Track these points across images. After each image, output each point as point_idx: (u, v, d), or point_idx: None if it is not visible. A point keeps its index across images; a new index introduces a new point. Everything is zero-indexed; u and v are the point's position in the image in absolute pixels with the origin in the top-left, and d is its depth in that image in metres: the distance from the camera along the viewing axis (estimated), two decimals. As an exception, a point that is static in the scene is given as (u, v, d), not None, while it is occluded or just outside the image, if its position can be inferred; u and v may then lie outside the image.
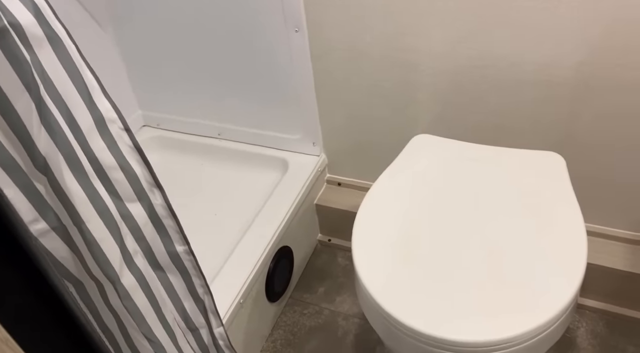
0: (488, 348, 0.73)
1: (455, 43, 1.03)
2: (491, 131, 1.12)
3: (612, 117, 1.00)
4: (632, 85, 0.94)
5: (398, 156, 0.98)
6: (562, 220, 0.82)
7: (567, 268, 0.77)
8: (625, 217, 1.14)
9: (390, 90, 1.16)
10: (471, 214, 0.85)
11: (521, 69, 1.01)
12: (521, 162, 0.92)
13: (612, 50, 0.92)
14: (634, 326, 1.18)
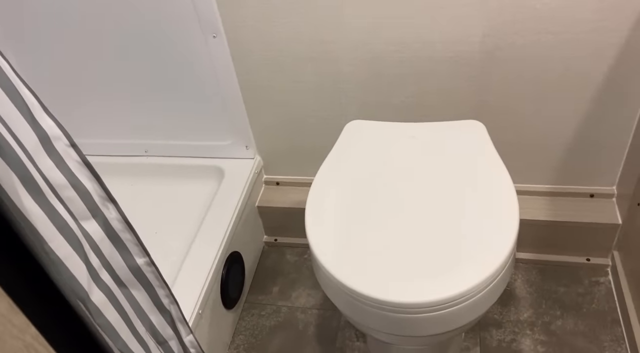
0: (440, 306, 0.78)
1: (369, 31, 1.09)
2: (415, 109, 1.19)
3: (516, 82, 1.10)
4: (526, 51, 1.05)
5: (335, 144, 1.02)
6: (493, 181, 0.90)
7: (503, 224, 0.84)
8: (539, 172, 1.26)
9: (315, 83, 1.21)
10: (411, 185, 0.91)
11: (433, 48, 1.09)
12: (447, 133, 0.99)
13: (506, 22, 1.02)
14: (560, 269, 1.30)
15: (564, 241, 1.27)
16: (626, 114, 1.11)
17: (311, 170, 1.39)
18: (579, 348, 1.15)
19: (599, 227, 1.22)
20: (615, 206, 1.23)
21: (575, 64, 1.05)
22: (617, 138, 1.15)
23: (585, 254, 1.29)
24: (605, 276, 1.27)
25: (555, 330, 1.19)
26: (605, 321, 1.19)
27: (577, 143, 1.18)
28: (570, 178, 1.25)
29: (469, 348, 1.19)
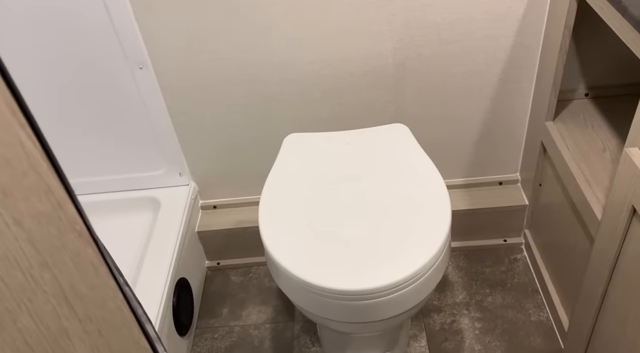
0: (394, 288, 0.86)
1: (292, 52, 1.18)
2: (342, 121, 1.29)
3: (427, 88, 1.24)
4: (432, 60, 1.19)
5: (277, 157, 1.08)
6: (424, 175, 1.01)
7: (438, 212, 0.94)
8: (454, 168, 1.40)
9: (245, 105, 1.26)
10: (353, 185, 0.99)
11: (351, 64, 1.19)
12: (377, 137, 1.09)
13: (413, 36, 1.15)
14: (482, 252, 1.45)
15: (482, 227, 1.42)
16: (520, 108, 1.28)
17: (247, 190, 1.44)
18: (509, 318, 1.29)
19: (510, 210, 1.39)
20: (521, 190, 1.41)
21: (474, 68, 1.21)
22: (515, 130, 1.32)
23: (502, 236, 1.45)
24: (521, 253, 1.44)
25: (487, 306, 1.33)
26: (527, 291, 1.35)
27: (482, 138, 1.34)
28: (480, 170, 1.41)
29: (416, 334, 1.29)
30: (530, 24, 1.14)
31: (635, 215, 0.80)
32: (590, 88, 1.23)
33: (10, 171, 0.19)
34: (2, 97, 0.21)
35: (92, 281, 0.27)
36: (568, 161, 1.09)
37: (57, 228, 0.24)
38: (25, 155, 0.21)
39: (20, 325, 0.21)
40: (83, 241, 0.26)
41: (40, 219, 0.22)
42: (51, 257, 0.23)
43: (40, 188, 0.22)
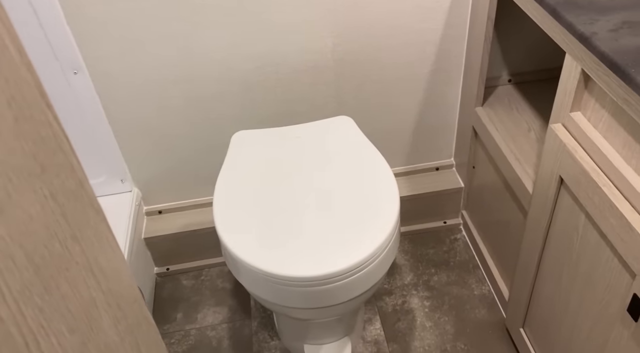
0: (351, 271, 0.90)
1: (232, 51, 1.19)
2: (286, 116, 1.31)
3: (365, 81, 1.29)
4: (369, 54, 1.25)
5: (227, 155, 1.09)
6: (372, 164, 1.06)
7: (387, 199, 0.99)
8: (394, 156, 1.47)
9: (185, 107, 1.26)
10: (304, 177, 1.02)
11: (292, 60, 1.22)
12: (325, 129, 1.13)
13: (350, 32, 1.20)
14: (425, 235, 1.53)
15: (423, 211, 1.50)
16: (451, 96, 1.37)
17: (194, 193, 1.43)
18: (455, 294, 1.37)
19: (448, 193, 1.47)
20: (456, 174, 1.50)
21: (407, 60, 1.27)
22: (447, 117, 1.41)
23: (442, 218, 1.53)
24: (460, 232, 1.53)
25: (434, 285, 1.40)
26: (468, 268, 1.44)
27: (418, 127, 1.41)
28: (418, 157, 1.48)
29: (370, 318, 1.34)
30: (456, 16, 1.22)
31: (562, 184, 0.89)
32: (512, 74, 1.34)
33: (45, 148, 0.20)
34: (33, 80, 0.22)
35: (109, 255, 0.28)
36: (498, 142, 1.18)
37: (81, 205, 0.24)
38: (54, 134, 0.22)
39: (62, 292, 0.22)
40: (100, 218, 0.27)
41: (69, 195, 0.23)
42: (79, 231, 0.24)
43: (66, 166, 0.23)
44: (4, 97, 0.18)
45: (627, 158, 0.74)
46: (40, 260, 0.20)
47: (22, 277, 0.18)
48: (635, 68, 0.67)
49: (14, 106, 0.18)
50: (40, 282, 0.19)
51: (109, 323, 0.26)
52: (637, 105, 0.68)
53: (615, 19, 0.77)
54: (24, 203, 0.20)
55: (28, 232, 0.19)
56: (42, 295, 0.19)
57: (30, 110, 0.20)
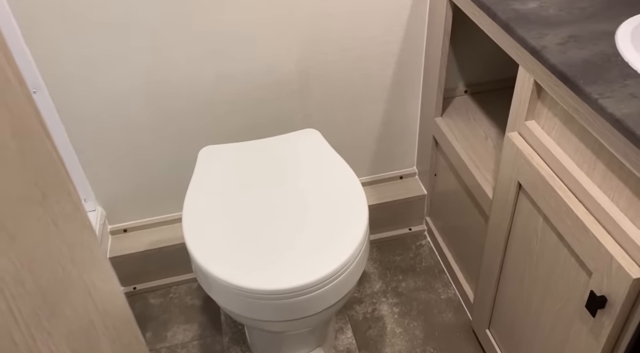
0: (324, 282, 0.92)
1: (195, 67, 1.19)
2: (253, 130, 1.32)
3: (330, 94, 1.32)
4: (334, 67, 1.27)
5: (194, 172, 1.09)
6: (340, 176, 1.08)
7: (356, 210, 1.01)
8: (360, 167, 1.50)
9: (150, 123, 1.25)
10: (273, 191, 1.04)
11: (257, 76, 1.24)
12: (292, 142, 1.15)
13: (314, 46, 1.23)
14: (392, 242, 1.56)
15: (389, 219, 1.53)
16: (412, 107, 1.41)
17: (160, 209, 1.41)
18: (423, 299, 1.41)
19: (411, 201, 1.51)
20: (419, 181, 1.54)
21: (369, 72, 1.31)
22: (409, 127, 1.45)
23: (407, 225, 1.57)
24: (425, 238, 1.57)
25: (402, 291, 1.43)
26: (434, 273, 1.47)
27: (382, 137, 1.45)
28: (382, 166, 1.52)
29: (342, 327, 1.35)
30: (414, 30, 1.26)
31: (521, 189, 0.94)
32: (468, 85, 1.39)
33: (45, 176, 0.21)
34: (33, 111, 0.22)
35: (103, 276, 0.28)
36: (458, 151, 1.23)
37: (78, 227, 0.25)
38: (53, 162, 0.23)
39: (66, 315, 0.22)
40: (93, 238, 0.27)
41: (67, 219, 0.24)
42: (76, 253, 0.24)
43: (64, 191, 0.24)
44: (8, 128, 0.18)
45: (579, 163, 0.79)
46: (46, 285, 0.20)
47: (32, 301, 0.19)
48: (583, 79, 0.72)
49: (17, 137, 0.19)
50: (47, 306, 0.20)
51: (106, 344, 0.27)
52: (586, 114, 0.73)
53: (562, 33, 0.83)
54: (31, 230, 0.20)
55: (35, 258, 0.20)
56: (49, 319, 0.20)
57: (33, 141, 0.20)
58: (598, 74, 0.73)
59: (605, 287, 0.73)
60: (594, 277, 0.75)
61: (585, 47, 0.79)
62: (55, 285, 0.21)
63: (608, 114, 0.66)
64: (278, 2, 1.15)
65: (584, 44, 0.79)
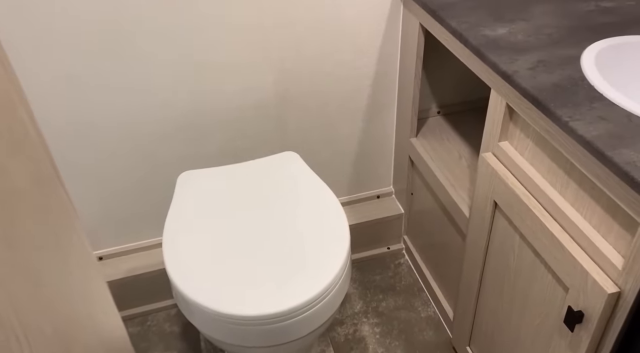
0: (309, 305, 0.92)
1: (174, 91, 1.19)
2: (231, 154, 1.32)
3: (307, 116, 1.34)
4: (309, 89, 1.29)
5: (173, 197, 1.08)
6: (321, 199, 1.09)
7: (337, 237, 1.01)
8: (338, 188, 1.51)
9: (128, 149, 1.24)
10: (254, 216, 1.04)
11: (234, 98, 1.25)
12: (271, 166, 1.15)
13: (288, 69, 1.24)
14: (371, 262, 1.57)
15: (367, 238, 1.55)
16: (387, 128, 1.44)
17: (136, 236, 1.39)
18: (403, 318, 1.42)
19: (389, 220, 1.53)
20: (396, 201, 1.56)
21: (345, 95, 1.33)
22: (385, 148, 1.48)
23: (385, 244, 1.59)
24: (403, 257, 1.59)
25: (383, 311, 1.44)
26: (413, 291, 1.49)
27: (359, 157, 1.47)
28: (360, 186, 1.54)
29: (324, 350, 1.35)
30: (388, 54, 1.30)
31: (497, 208, 0.96)
32: (441, 106, 1.43)
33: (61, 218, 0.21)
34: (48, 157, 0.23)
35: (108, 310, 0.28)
36: (434, 170, 1.26)
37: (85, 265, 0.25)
38: (64, 203, 0.23)
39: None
40: (99, 273, 0.27)
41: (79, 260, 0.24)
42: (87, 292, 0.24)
43: (75, 231, 0.24)
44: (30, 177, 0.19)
45: (552, 182, 0.82)
46: (62, 328, 0.20)
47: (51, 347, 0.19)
48: (554, 103, 0.75)
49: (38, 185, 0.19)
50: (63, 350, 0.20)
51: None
52: (557, 136, 0.76)
53: (531, 58, 0.86)
54: (51, 276, 0.21)
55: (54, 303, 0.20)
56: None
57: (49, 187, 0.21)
58: (567, 97, 0.76)
59: (582, 302, 0.75)
60: (571, 293, 0.77)
61: (553, 71, 0.82)
62: (70, 327, 0.22)
63: (578, 135, 0.70)
64: (252, 27, 1.16)
65: (553, 69, 0.83)
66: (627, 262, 0.67)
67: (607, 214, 0.71)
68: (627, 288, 0.68)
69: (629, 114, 0.72)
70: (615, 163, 0.64)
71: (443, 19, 1.01)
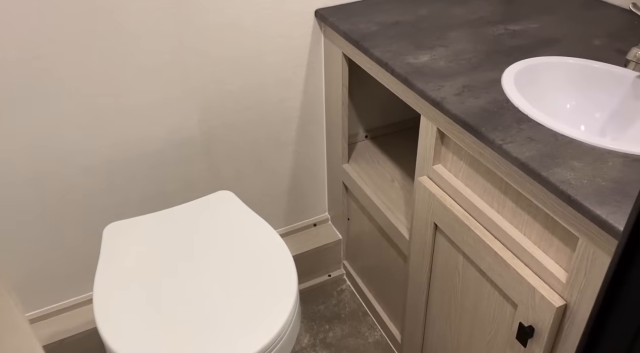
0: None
1: (89, 139, 1.11)
2: (159, 199, 1.25)
3: (236, 151, 1.30)
4: (236, 125, 1.26)
5: (101, 252, 1.00)
6: (262, 239, 1.05)
7: (283, 279, 0.96)
8: (275, 219, 1.48)
9: (45, 205, 1.13)
10: (191, 266, 0.98)
11: (157, 142, 1.18)
12: (205, 208, 1.10)
13: (214, 107, 1.21)
14: (313, 292, 1.55)
15: (308, 268, 1.52)
16: (318, 156, 1.43)
17: (59, 296, 1.27)
18: (353, 346, 1.40)
19: (328, 247, 1.52)
20: (333, 227, 1.55)
21: (273, 127, 1.31)
22: (317, 176, 1.47)
23: (326, 271, 1.57)
24: (345, 283, 1.58)
25: (331, 341, 1.41)
26: (358, 317, 1.48)
27: (292, 187, 1.45)
28: (296, 216, 1.51)
29: (276, 391, 1.29)
30: (313, 84, 1.30)
31: (438, 230, 0.98)
32: (368, 130, 1.45)
33: None
34: None
35: None
36: (369, 194, 1.26)
37: None
38: None
39: None
40: None
41: None
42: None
43: None
44: None
45: (489, 202, 0.85)
46: None
47: None
48: (485, 127, 0.78)
49: None
50: None
51: None
52: (491, 158, 0.79)
53: (456, 83, 0.89)
54: None
55: None
56: None
57: None
58: (496, 120, 0.79)
59: (531, 317, 0.77)
60: (520, 309, 0.79)
61: (479, 95, 0.86)
62: None
63: (513, 158, 0.72)
64: (171, 65, 1.12)
65: (478, 93, 0.86)
66: (571, 275, 0.70)
67: (546, 230, 0.74)
68: (573, 300, 0.71)
69: (555, 132, 0.76)
70: (551, 183, 0.67)
71: (367, 49, 1.02)
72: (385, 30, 1.09)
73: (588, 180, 0.67)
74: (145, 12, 1.03)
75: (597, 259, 0.65)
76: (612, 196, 0.64)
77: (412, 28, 1.10)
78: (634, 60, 0.82)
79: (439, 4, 1.20)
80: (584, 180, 0.67)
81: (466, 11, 1.16)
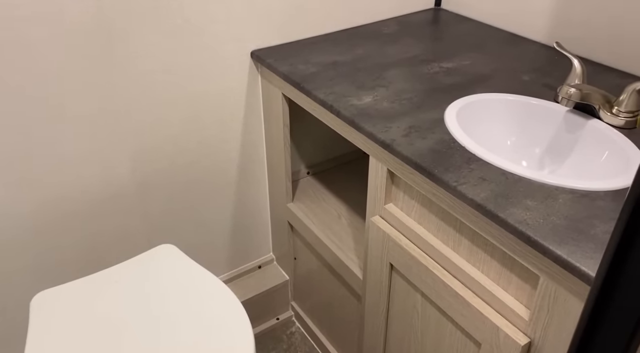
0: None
1: (9, 197, 1.01)
2: (100, 255, 1.15)
3: (173, 197, 1.23)
4: (171, 170, 1.20)
5: (29, 326, 0.89)
6: (211, 293, 0.99)
7: (238, 335, 0.91)
8: (218, 265, 1.41)
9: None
10: (136, 331, 0.90)
11: (88, 194, 1.10)
12: (147, 264, 1.02)
13: (147, 152, 1.14)
14: (263, 338, 1.49)
15: (255, 313, 1.46)
16: (260, 196, 1.39)
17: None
18: (308, 391, 1.35)
19: (275, 289, 1.47)
20: (278, 267, 1.51)
21: (213, 169, 1.26)
22: (260, 216, 1.43)
23: (274, 315, 1.51)
24: (294, 324, 1.53)
25: (285, 388, 1.36)
26: (312, 359, 1.44)
27: (234, 231, 1.40)
28: (239, 259, 1.46)
29: None
30: (252, 125, 1.26)
31: (393, 269, 0.97)
32: (309, 167, 1.43)
33: None
34: None
35: None
36: (316, 233, 1.24)
37: None
38: None
39: None
40: None
41: None
42: None
43: None
44: None
45: (445, 240, 0.85)
46: None
47: None
48: (437, 169, 0.78)
49: None
50: None
51: None
52: (445, 198, 0.79)
53: (403, 124, 0.90)
54: None
55: None
56: None
57: None
58: (446, 161, 0.80)
59: (496, 355, 0.77)
60: (484, 348, 0.79)
61: (426, 136, 0.87)
62: None
63: (469, 199, 0.73)
64: (99, 113, 1.05)
65: (424, 133, 0.87)
66: (534, 313, 0.71)
67: (504, 267, 0.75)
68: (537, 337, 0.72)
69: (504, 171, 0.78)
70: (510, 224, 0.68)
71: (310, 92, 1.01)
72: (324, 71, 1.09)
73: (544, 219, 0.68)
74: (73, 60, 0.96)
75: (560, 297, 0.66)
76: (569, 235, 0.66)
77: (351, 68, 1.10)
78: (565, 97, 0.87)
79: (372, 43, 1.22)
80: (540, 220, 0.68)
81: (399, 50, 1.19)
